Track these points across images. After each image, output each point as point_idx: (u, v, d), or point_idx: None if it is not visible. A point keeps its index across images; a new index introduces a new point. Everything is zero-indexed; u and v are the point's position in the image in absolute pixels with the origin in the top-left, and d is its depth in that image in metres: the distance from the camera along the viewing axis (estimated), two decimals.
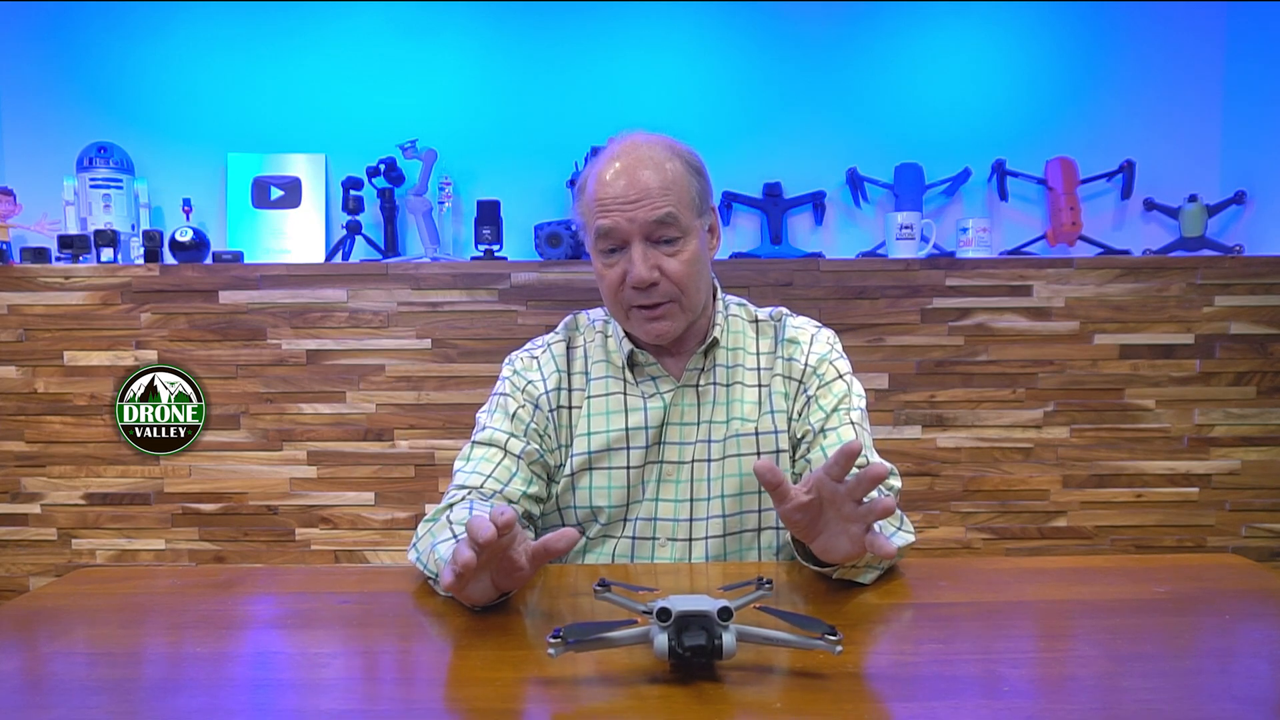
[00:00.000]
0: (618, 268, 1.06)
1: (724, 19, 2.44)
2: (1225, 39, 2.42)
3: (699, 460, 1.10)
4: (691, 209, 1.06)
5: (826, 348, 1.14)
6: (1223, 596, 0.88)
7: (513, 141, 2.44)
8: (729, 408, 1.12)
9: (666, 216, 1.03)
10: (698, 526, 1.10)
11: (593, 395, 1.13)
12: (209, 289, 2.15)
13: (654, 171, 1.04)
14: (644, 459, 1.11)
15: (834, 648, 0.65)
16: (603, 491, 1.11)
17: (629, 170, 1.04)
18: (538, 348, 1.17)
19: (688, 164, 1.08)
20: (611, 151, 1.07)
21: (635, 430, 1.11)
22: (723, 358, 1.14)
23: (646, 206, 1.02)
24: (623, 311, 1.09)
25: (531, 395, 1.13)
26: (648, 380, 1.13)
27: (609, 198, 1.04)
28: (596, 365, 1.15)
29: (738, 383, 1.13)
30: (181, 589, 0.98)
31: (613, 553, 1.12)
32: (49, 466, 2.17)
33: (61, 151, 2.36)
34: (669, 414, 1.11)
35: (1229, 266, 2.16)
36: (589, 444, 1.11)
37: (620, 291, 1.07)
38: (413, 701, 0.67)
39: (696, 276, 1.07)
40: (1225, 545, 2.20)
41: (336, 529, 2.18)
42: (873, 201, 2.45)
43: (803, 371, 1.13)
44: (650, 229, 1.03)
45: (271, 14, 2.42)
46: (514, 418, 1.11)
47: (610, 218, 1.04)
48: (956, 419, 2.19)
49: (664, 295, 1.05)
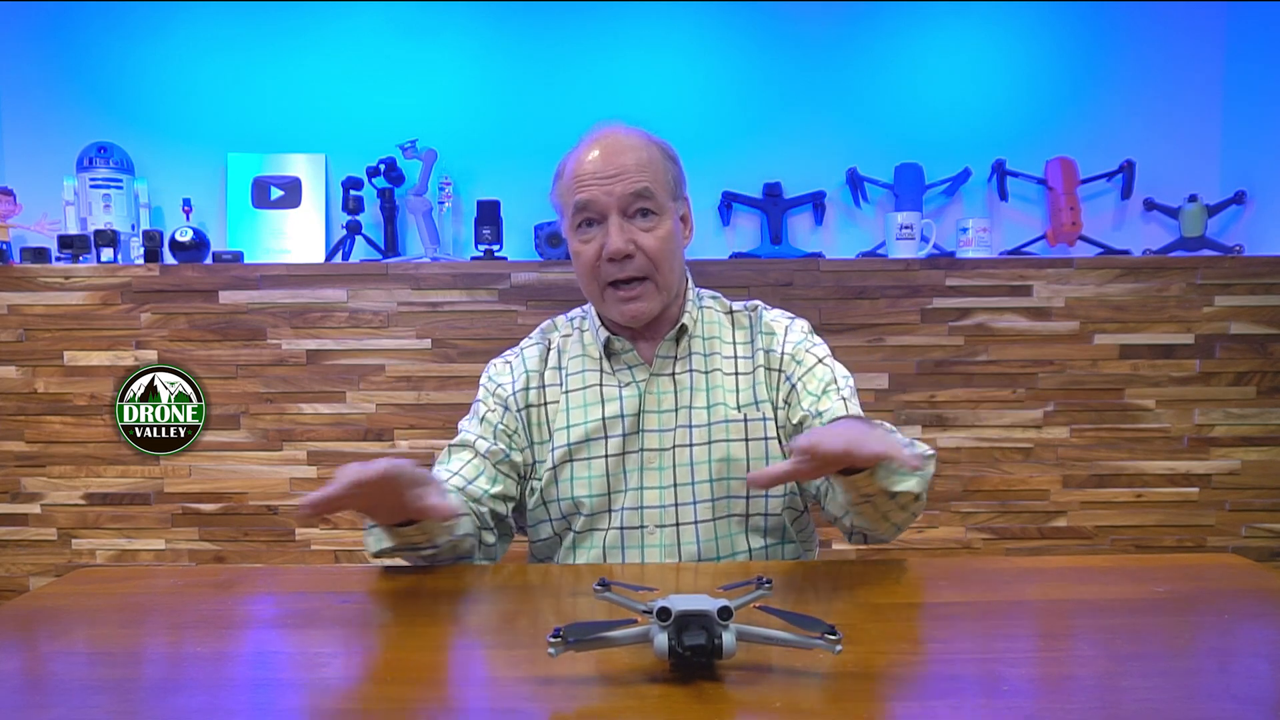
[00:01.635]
0: (594, 243, 1.09)
1: (724, 19, 2.44)
2: (1225, 39, 2.42)
3: (680, 445, 1.12)
4: (666, 190, 1.10)
5: (801, 335, 1.17)
6: (1223, 596, 0.88)
7: (513, 141, 2.44)
8: (709, 394, 1.14)
9: (644, 190, 1.07)
10: (684, 511, 1.11)
11: (570, 389, 1.15)
12: (209, 289, 2.15)
13: (631, 152, 1.09)
14: (622, 447, 1.12)
15: (834, 648, 0.65)
16: (583, 482, 1.12)
17: (607, 150, 1.09)
18: (513, 353, 1.22)
19: (662, 150, 1.13)
20: (589, 138, 1.12)
21: (612, 419, 1.13)
22: (699, 346, 1.16)
23: (624, 181, 1.07)
24: (599, 290, 1.11)
25: (500, 397, 1.16)
26: (624, 369, 1.15)
27: (587, 174, 1.08)
28: (573, 360, 1.17)
29: (716, 370, 1.15)
30: (181, 589, 0.98)
31: (603, 544, 1.12)
32: (49, 466, 2.17)
33: (61, 151, 2.36)
34: (644, 401, 1.13)
35: (1229, 266, 2.16)
36: (568, 436, 1.13)
37: (596, 268, 1.09)
38: (413, 701, 0.67)
39: (671, 255, 1.10)
40: (1225, 545, 2.20)
41: (336, 529, 2.18)
42: (873, 201, 2.45)
43: (780, 359, 1.15)
44: (627, 202, 1.07)
45: (271, 14, 2.42)
46: (483, 420, 1.16)
47: (588, 191, 1.07)
48: (956, 419, 2.19)
49: (639, 270, 1.08)
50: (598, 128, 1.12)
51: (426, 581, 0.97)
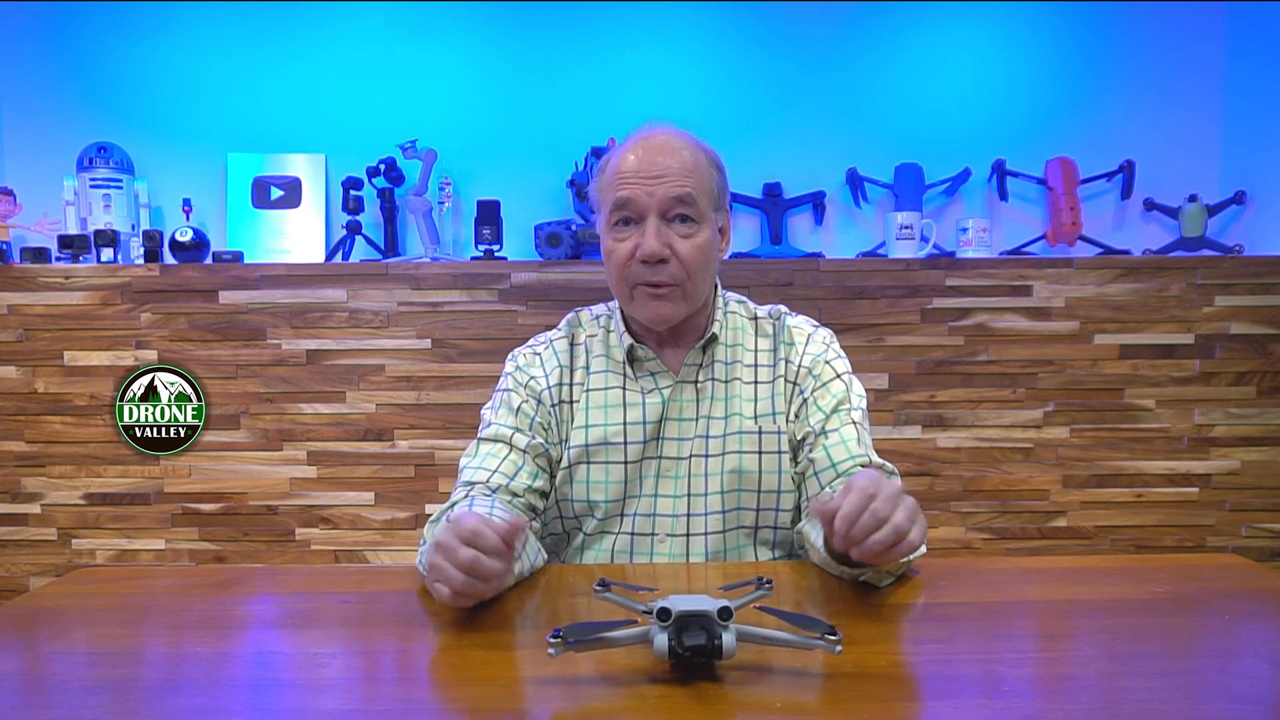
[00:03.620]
0: (629, 241, 1.06)
1: (724, 19, 2.44)
2: (1225, 39, 2.42)
3: (697, 456, 1.11)
4: (709, 199, 1.08)
5: (822, 348, 1.14)
6: (1222, 596, 0.88)
7: (513, 141, 2.43)
8: (728, 404, 1.12)
9: (686, 196, 1.05)
10: (695, 522, 1.10)
11: (591, 389, 1.14)
12: (209, 289, 2.15)
13: (677, 154, 1.06)
14: (641, 454, 1.11)
15: (834, 648, 0.65)
16: (599, 486, 1.11)
17: (654, 150, 1.06)
18: (540, 344, 1.18)
19: (710, 157, 1.11)
20: (637, 135, 1.10)
21: (633, 425, 1.11)
22: (721, 354, 1.14)
23: (667, 183, 1.04)
24: (627, 289, 1.09)
25: (534, 390, 1.14)
26: (647, 376, 1.13)
27: (630, 171, 1.06)
28: (597, 359, 1.15)
29: (736, 379, 1.13)
30: (181, 589, 0.98)
31: (612, 549, 1.12)
32: (49, 466, 2.17)
33: (61, 151, 2.36)
34: (667, 409, 1.12)
35: (1229, 266, 2.16)
36: (586, 436, 1.11)
37: (628, 267, 1.07)
38: (413, 701, 0.67)
39: (704, 266, 1.08)
40: (1225, 545, 2.20)
41: (336, 529, 2.18)
42: (873, 201, 2.45)
43: (797, 372, 1.13)
44: (668, 205, 1.05)
45: (271, 14, 2.42)
46: (518, 412, 1.12)
47: (629, 189, 1.05)
48: (956, 419, 2.19)
49: (671, 276, 1.06)
50: (647, 126, 1.10)
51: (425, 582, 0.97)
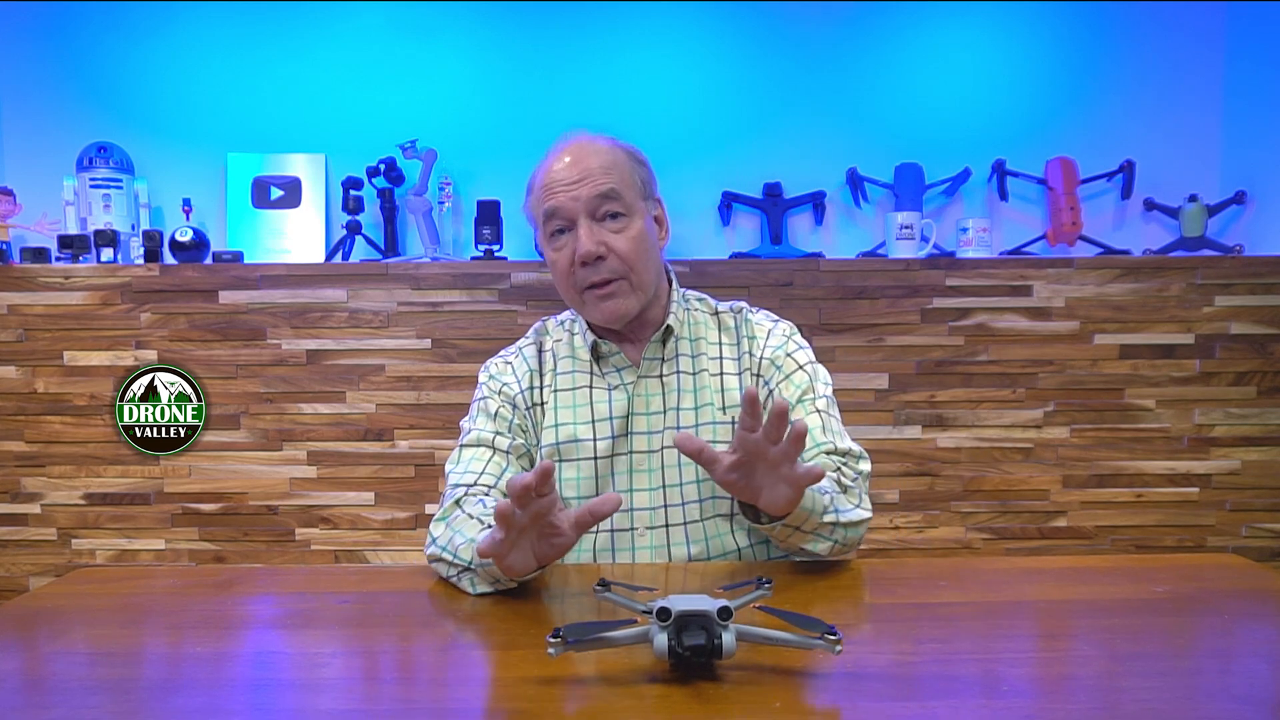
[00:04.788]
0: (566, 250, 1.10)
1: (724, 19, 2.44)
2: (1225, 39, 2.42)
3: (669, 447, 1.12)
4: (634, 191, 1.11)
5: (783, 339, 1.17)
6: (1222, 596, 0.88)
7: (513, 141, 2.43)
8: (697, 395, 1.14)
9: (609, 191, 1.08)
10: (674, 513, 1.11)
11: (559, 389, 1.16)
12: (209, 289, 2.15)
13: (595, 156, 1.10)
14: (611, 449, 1.13)
15: (834, 648, 0.65)
16: (571, 483, 1.12)
17: (572, 157, 1.10)
18: (510, 353, 1.22)
19: (628, 153, 1.14)
20: (555, 148, 1.13)
21: (600, 421, 1.13)
22: (685, 348, 1.17)
23: (589, 184, 1.08)
24: (577, 295, 1.12)
25: (508, 395, 1.16)
26: (612, 371, 1.16)
27: (553, 182, 1.09)
28: (563, 361, 1.18)
29: (704, 370, 1.15)
30: (181, 589, 0.98)
31: (593, 546, 1.12)
32: (49, 466, 2.17)
33: (61, 151, 2.36)
34: (633, 403, 1.14)
35: (1229, 266, 2.16)
36: (556, 435, 1.13)
37: (572, 274, 1.10)
38: (413, 701, 0.67)
39: (644, 255, 1.10)
40: (1225, 545, 2.20)
41: (336, 529, 2.18)
42: (873, 201, 2.45)
43: (759, 364, 1.15)
44: (595, 205, 1.08)
45: (271, 14, 2.42)
46: (496, 417, 1.14)
47: (555, 198, 1.09)
48: (956, 419, 2.19)
49: (612, 271, 1.08)
50: (563, 137, 1.14)
51: (425, 582, 0.97)
